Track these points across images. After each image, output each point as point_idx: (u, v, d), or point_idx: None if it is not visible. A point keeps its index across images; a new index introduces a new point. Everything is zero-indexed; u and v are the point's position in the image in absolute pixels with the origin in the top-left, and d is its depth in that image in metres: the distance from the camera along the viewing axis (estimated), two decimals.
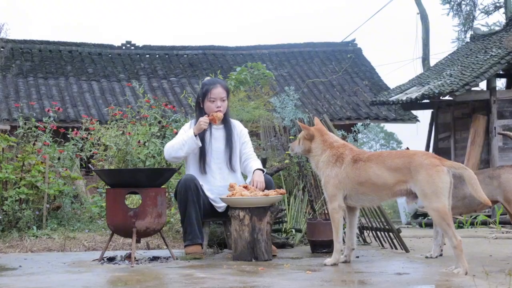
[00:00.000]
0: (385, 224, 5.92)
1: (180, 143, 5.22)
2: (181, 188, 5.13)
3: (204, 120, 5.22)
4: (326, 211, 6.49)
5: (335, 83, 19.13)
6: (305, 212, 6.37)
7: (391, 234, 5.92)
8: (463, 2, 22.07)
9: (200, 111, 5.43)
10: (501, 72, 14.33)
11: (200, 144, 5.26)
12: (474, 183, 4.24)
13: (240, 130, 5.53)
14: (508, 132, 5.84)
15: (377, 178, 4.50)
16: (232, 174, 5.36)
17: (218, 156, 5.36)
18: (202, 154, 5.33)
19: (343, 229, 5.03)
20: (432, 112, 15.63)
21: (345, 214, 4.90)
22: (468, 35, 19.57)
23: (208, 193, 5.27)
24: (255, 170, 5.23)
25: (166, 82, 18.56)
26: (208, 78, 5.66)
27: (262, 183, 5.13)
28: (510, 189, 4.97)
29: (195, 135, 5.21)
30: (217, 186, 5.29)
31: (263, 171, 5.28)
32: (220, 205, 5.25)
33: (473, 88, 13.52)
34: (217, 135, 5.38)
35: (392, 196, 4.55)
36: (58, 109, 8.66)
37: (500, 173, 5.07)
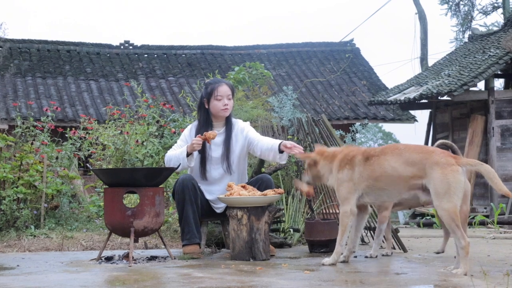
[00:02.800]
0: None
1: (176, 160, 5.20)
2: (179, 188, 5.12)
3: (197, 142, 5.11)
4: (324, 211, 6.50)
5: (333, 83, 19.14)
6: (303, 212, 6.36)
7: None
8: (461, 2, 22.10)
9: (206, 111, 5.34)
10: (499, 72, 14.36)
11: (192, 165, 5.24)
12: (493, 177, 4.23)
13: (240, 126, 5.40)
14: (444, 141, 5.81)
15: (393, 170, 4.47)
16: (231, 178, 5.32)
17: (217, 162, 5.30)
18: (203, 162, 5.29)
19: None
20: (430, 112, 15.66)
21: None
22: (466, 35, 19.59)
23: (207, 195, 5.25)
24: (280, 144, 5.06)
25: (164, 82, 18.56)
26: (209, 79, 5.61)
27: (296, 146, 5.01)
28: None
29: (188, 154, 5.15)
30: (216, 190, 5.26)
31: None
32: (219, 206, 5.24)
33: (471, 88, 13.55)
34: (217, 140, 5.31)
35: (408, 189, 4.48)
36: (56, 108, 8.65)
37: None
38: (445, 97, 13.69)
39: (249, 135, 5.35)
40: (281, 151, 5.07)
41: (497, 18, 40.60)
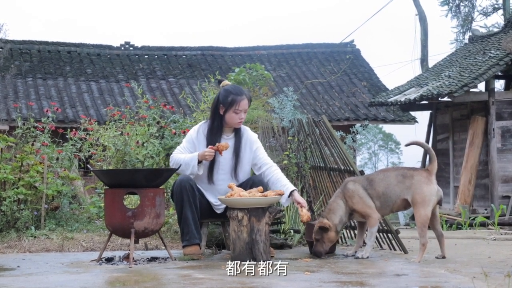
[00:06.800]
0: (383, 225, 5.91)
1: (184, 165, 5.13)
2: (177, 189, 5.11)
3: (209, 154, 5.07)
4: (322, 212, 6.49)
5: (334, 84, 19.14)
6: None
7: (389, 235, 5.91)
8: (461, 4, 22.10)
9: (220, 118, 5.22)
10: (499, 74, 14.35)
11: (201, 173, 5.18)
12: None
13: (249, 136, 5.35)
14: (418, 141, 5.85)
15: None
16: (236, 183, 5.27)
17: (224, 167, 5.25)
18: (211, 166, 5.23)
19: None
20: (431, 113, 15.65)
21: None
22: (467, 37, 19.61)
23: (209, 196, 5.23)
24: (292, 191, 5.11)
25: (164, 83, 18.56)
26: (228, 82, 5.38)
27: (305, 202, 5.11)
28: (419, 191, 5.06)
29: (199, 161, 5.10)
30: (219, 194, 5.22)
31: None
32: (220, 207, 5.22)
33: (471, 90, 13.54)
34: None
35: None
36: (57, 109, 8.64)
37: (414, 174, 5.13)
38: (445, 98, 13.68)
39: (258, 154, 5.31)
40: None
41: (497, 19, 40.58)
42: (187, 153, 5.23)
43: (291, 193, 5.12)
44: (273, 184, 5.20)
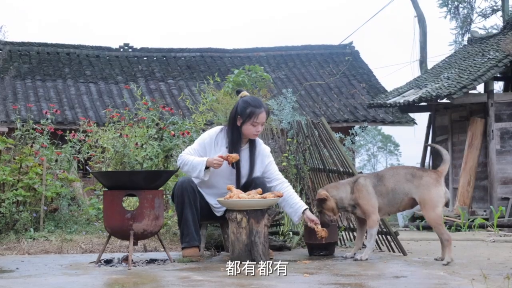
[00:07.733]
0: (382, 227, 5.91)
1: (191, 167, 5.09)
2: (178, 191, 5.10)
3: (218, 162, 5.02)
4: None
5: (333, 85, 19.14)
6: None
7: (388, 237, 5.91)
8: (460, 5, 22.12)
9: (238, 130, 5.16)
10: (498, 75, 14.37)
11: (206, 179, 5.13)
12: None
13: (262, 150, 5.31)
14: (434, 145, 6.08)
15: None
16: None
17: (231, 178, 5.22)
18: (238, 181, 5.19)
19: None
20: (430, 115, 15.67)
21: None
22: (466, 38, 19.65)
23: (208, 198, 5.22)
24: (304, 210, 5.17)
25: (163, 85, 18.56)
26: (246, 93, 5.29)
27: (317, 220, 5.17)
28: (426, 192, 5.09)
29: (206, 167, 5.06)
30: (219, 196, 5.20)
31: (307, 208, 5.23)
32: (220, 210, 5.21)
33: (470, 91, 13.56)
34: (241, 155, 5.21)
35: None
36: (56, 111, 8.63)
37: (423, 175, 5.15)
38: (444, 100, 13.70)
39: (270, 168, 5.30)
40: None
41: (496, 21, 40.59)
42: (196, 156, 5.19)
43: (303, 212, 5.17)
44: (284, 200, 5.20)
